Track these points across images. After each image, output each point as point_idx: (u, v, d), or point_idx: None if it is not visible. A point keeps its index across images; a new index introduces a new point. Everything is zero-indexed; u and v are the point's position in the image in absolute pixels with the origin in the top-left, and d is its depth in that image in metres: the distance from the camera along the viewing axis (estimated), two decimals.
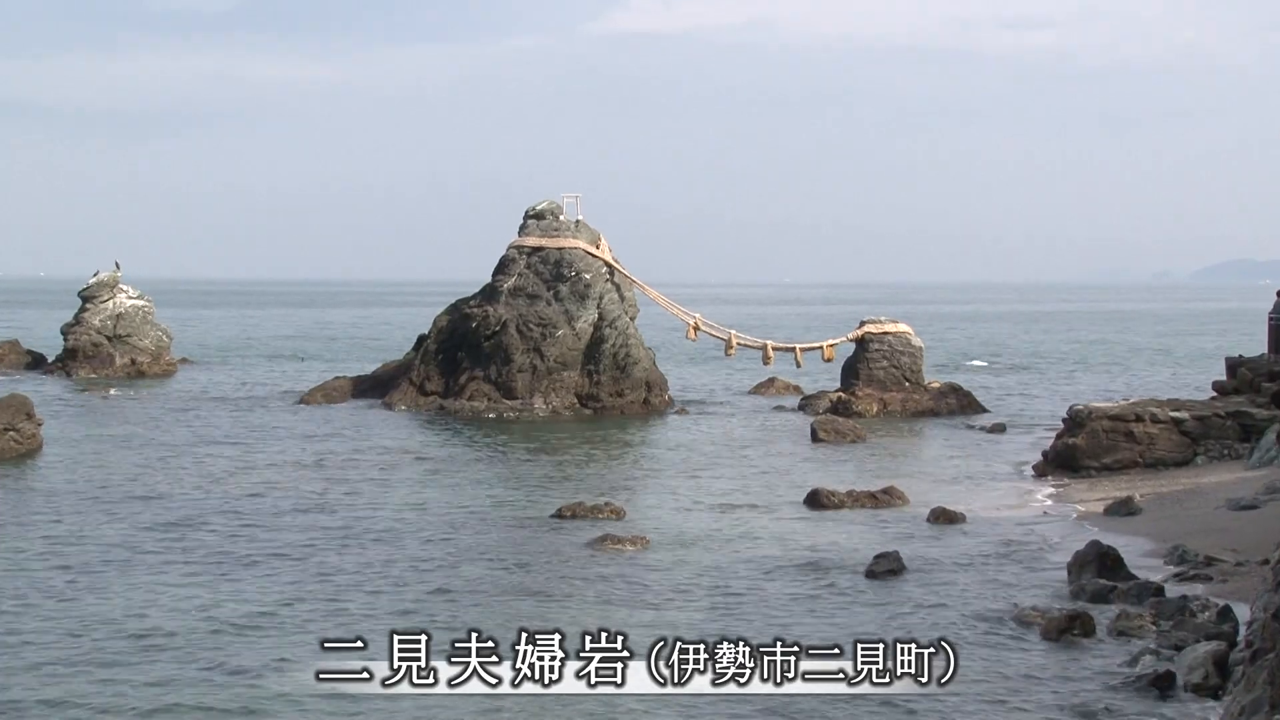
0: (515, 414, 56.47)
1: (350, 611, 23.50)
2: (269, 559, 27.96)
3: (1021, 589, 25.53)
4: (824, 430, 49.29)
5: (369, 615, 23.11)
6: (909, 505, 35.14)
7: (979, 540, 30.47)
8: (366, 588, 25.37)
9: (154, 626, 22.60)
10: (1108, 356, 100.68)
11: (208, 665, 20.46)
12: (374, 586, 25.50)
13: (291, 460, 42.78)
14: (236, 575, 26.44)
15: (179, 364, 78.36)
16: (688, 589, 25.54)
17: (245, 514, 33.13)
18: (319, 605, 24.07)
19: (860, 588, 25.67)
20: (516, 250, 61.38)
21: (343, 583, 25.84)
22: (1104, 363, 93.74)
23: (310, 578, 26.27)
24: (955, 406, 58.98)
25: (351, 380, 64.48)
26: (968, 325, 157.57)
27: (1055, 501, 36.21)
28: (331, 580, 26.05)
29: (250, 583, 25.84)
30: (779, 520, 33.13)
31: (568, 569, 27.22)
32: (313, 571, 26.83)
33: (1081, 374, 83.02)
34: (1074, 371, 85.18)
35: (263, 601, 24.27)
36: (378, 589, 25.29)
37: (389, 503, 35.13)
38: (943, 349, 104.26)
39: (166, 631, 22.27)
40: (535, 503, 35.42)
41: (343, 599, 24.52)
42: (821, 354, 63.12)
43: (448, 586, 25.53)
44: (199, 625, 22.73)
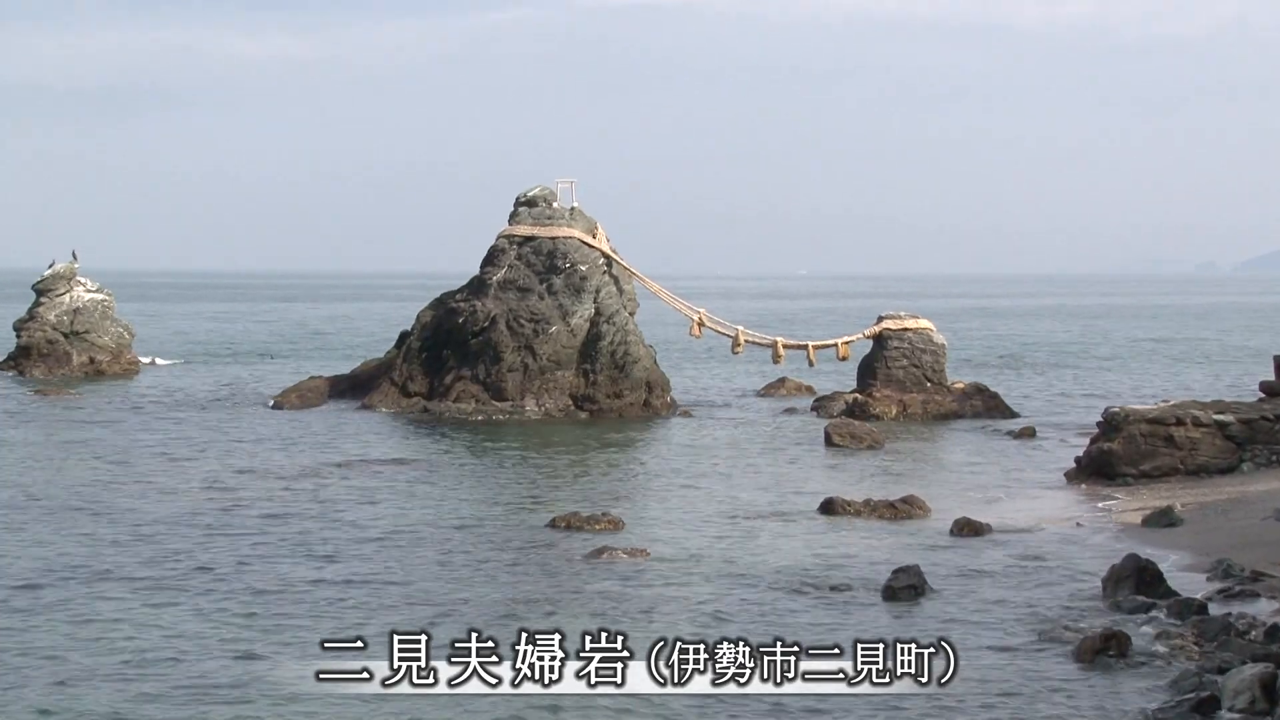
0: (505, 417, 56.47)
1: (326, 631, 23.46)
2: (236, 576, 27.92)
3: (1052, 606, 25.51)
4: (839, 434, 49.27)
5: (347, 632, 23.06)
6: (930, 516, 35.11)
7: (1006, 553, 30.45)
8: (343, 607, 25.34)
9: (115, 648, 22.60)
10: (1146, 354, 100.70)
11: (183, 685, 20.55)
12: (352, 604, 25.47)
13: (263, 468, 42.75)
14: (202, 595, 26.40)
15: (141, 363, 78.33)
16: (691, 606, 25.53)
17: (213, 528, 33.09)
18: (291, 625, 24.05)
19: (878, 605, 25.66)
20: (506, 240, 61.37)
21: (319, 601, 25.81)
22: (1142, 361, 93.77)
23: (282, 597, 26.23)
24: (980, 409, 58.96)
25: (328, 380, 64.45)
26: (994, 321, 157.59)
27: (1089, 512, 36.19)
28: (305, 599, 26.02)
29: (217, 601, 25.80)
30: (790, 532, 33.12)
31: (562, 584, 27.20)
32: (284, 590, 26.79)
33: (1118, 373, 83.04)
34: (1109, 371, 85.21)
35: (230, 623, 24.24)
36: (356, 608, 25.26)
37: (368, 514, 35.09)
38: (967, 346, 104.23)
39: (135, 650, 22.31)
40: (527, 513, 35.40)
41: (318, 620, 24.49)
42: (836, 352, 63.08)
43: (431, 604, 25.50)
44: (164, 645, 22.73)
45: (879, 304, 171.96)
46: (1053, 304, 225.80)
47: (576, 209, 62.11)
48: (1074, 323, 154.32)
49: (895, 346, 59.92)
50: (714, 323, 62.80)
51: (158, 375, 75.02)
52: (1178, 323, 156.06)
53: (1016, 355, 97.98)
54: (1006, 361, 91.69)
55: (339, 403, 60.84)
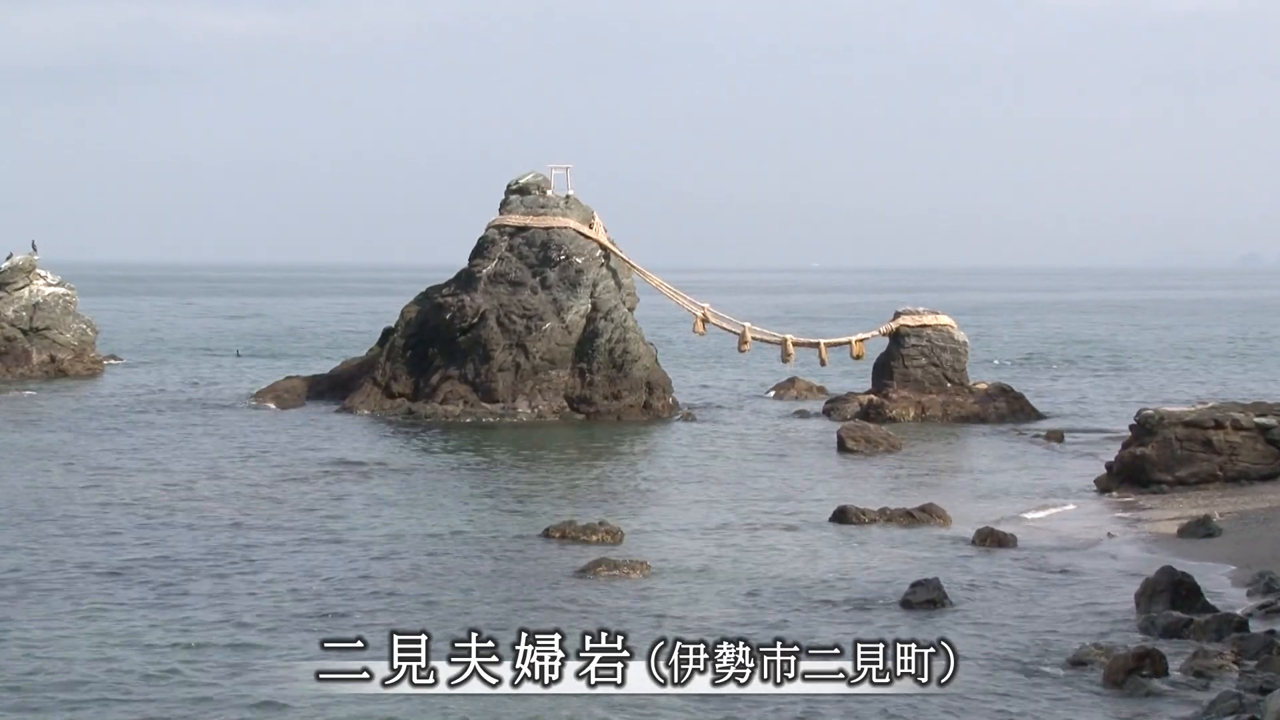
0: (495, 419, 56.47)
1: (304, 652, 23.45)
2: (208, 591, 27.89)
3: (1081, 623, 25.48)
4: (852, 438, 49.28)
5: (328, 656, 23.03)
6: (951, 525, 35.11)
7: (1032, 566, 30.43)
8: (318, 624, 25.30)
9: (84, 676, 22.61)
10: (1183, 353, 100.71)
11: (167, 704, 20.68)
12: (328, 621, 25.43)
13: (236, 475, 42.72)
14: (174, 611, 26.37)
15: (106, 362, 78.33)
16: (695, 622, 25.49)
17: (181, 538, 33.06)
18: (266, 644, 24.04)
19: (895, 621, 25.65)
20: (497, 230, 61.37)
21: (293, 616, 25.78)
22: (1178, 360, 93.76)
23: (256, 613, 26.20)
24: (1005, 411, 58.95)
25: (306, 380, 64.47)
26: (1020, 316, 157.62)
27: (1121, 521, 36.17)
28: (278, 615, 25.99)
29: (190, 616, 25.79)
30: (800, 543, 33.10)
31: (555, 601, 27.15)
32: (260, 605, 26.77)
33: (1152, 373, 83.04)
34: (1143, 370, 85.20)
35: (206, 643, 24.23)
36: (333, 627, 25.23)
37: (348, 524, 35.06)
38: (990, 344, 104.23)
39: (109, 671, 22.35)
40: (518, 524, 35.36)
41: (295, 638, 24.47)
42: (850, 350, 63.11)
43: (416, 624, 25.46)
44: (131, 669, 22.73)
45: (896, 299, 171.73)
46: (1083, 298, 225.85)
47: (572, 197, 62.09)
48: (1106, 318, 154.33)
49: (913, 344, 59.90)
50: (719, 319, 62.79)
51: (123, 375, 74.99)
52: (1217, 319, 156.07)
53: (1043, 353, 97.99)
54: (1033, 360, 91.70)
55: (317, 404, 60.84)
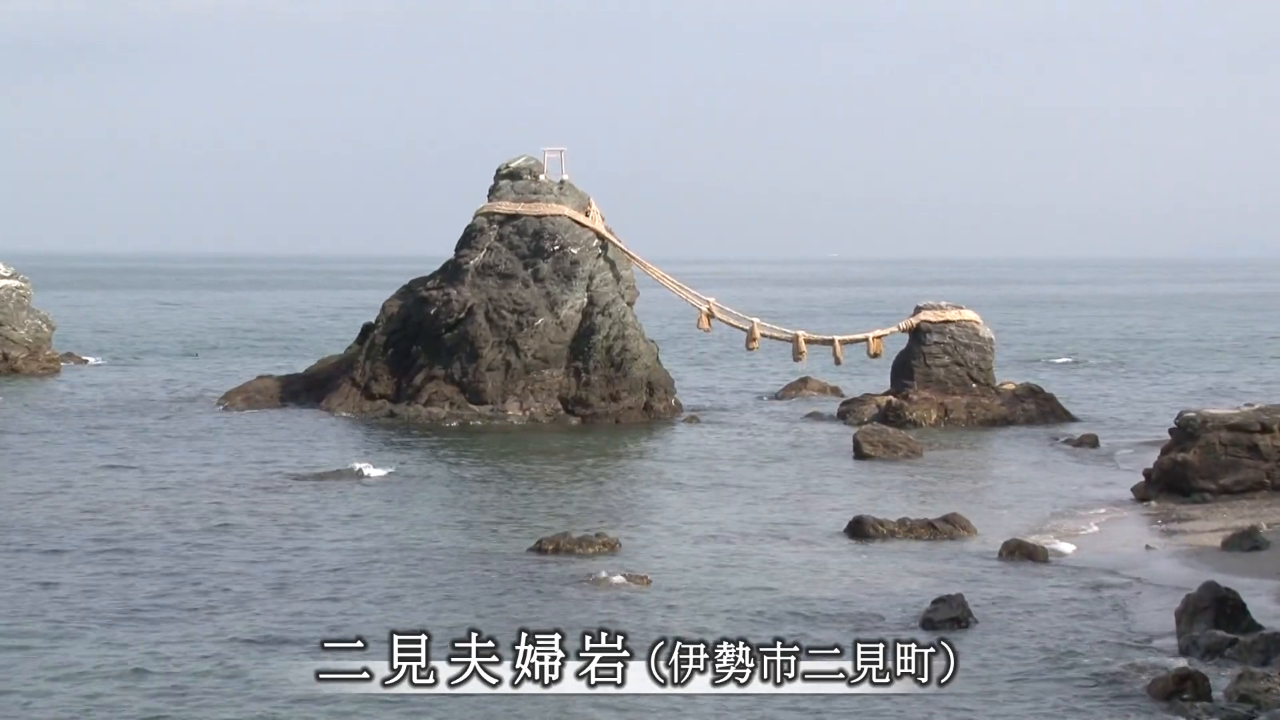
0: (484, 422, 56.43)
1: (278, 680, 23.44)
2: (176, 610, 27.87)
3: (1117, 643, 25.44)
4: (869, 443, 49.22)
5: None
6: (976, 538, 35.06)
7: (1063, 582, 30.38)
8: (290, 646, 25.27)
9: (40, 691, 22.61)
10: (1226, 350, 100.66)
11: None
12: (301, 642, 25.39)
13: (204, 481, 42.69)
14: (139, 635, 26.35)
15: (63, 360, 78.32)
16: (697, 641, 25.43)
17: (143, 552, 33.03)
18: (239, 672, 24.00)
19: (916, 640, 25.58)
20: (485, 218, 61.31)
21: (265, 636, 25.76)
22: (1222, 359, 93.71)
23: (222, 638, 26.18)
24: (1034, 413, 58.90)
25: (279, 380, 64.42)
26: (1050, 311, 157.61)
27: (1160, 533, 36.12)
28: (250, 638, 25.96)
29: (158, 640, 25.77)
30: (813, 557, 33.05)
31: (549, 618, 27.06)
32: (227, 628, 26.74)
33: (1193, 372, 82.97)
34: (1183, 370, 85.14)
35: (175, 670, 24.21)
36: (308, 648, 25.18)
37: (326, 536, 35.02)
38: (1019, 341, 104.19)
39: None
40: (509, 535, 35.33)
41: (271, 663, 24.44)
42: (867, 347, 63.05)
43: None
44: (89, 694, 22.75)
45: (917, 292, 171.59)
46: (1117, 292, 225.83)
47: (567, 182, 62.03)
48: (1142, 313, 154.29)
49: (935, 341, 59.85)
50: (726, 314, 62.74)
51: (81, 375, 74.95)
52: (1262, 314, 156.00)
53: (1076, 351, 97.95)
54: (1064, 358, 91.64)
55: (292, 406, 60.79)
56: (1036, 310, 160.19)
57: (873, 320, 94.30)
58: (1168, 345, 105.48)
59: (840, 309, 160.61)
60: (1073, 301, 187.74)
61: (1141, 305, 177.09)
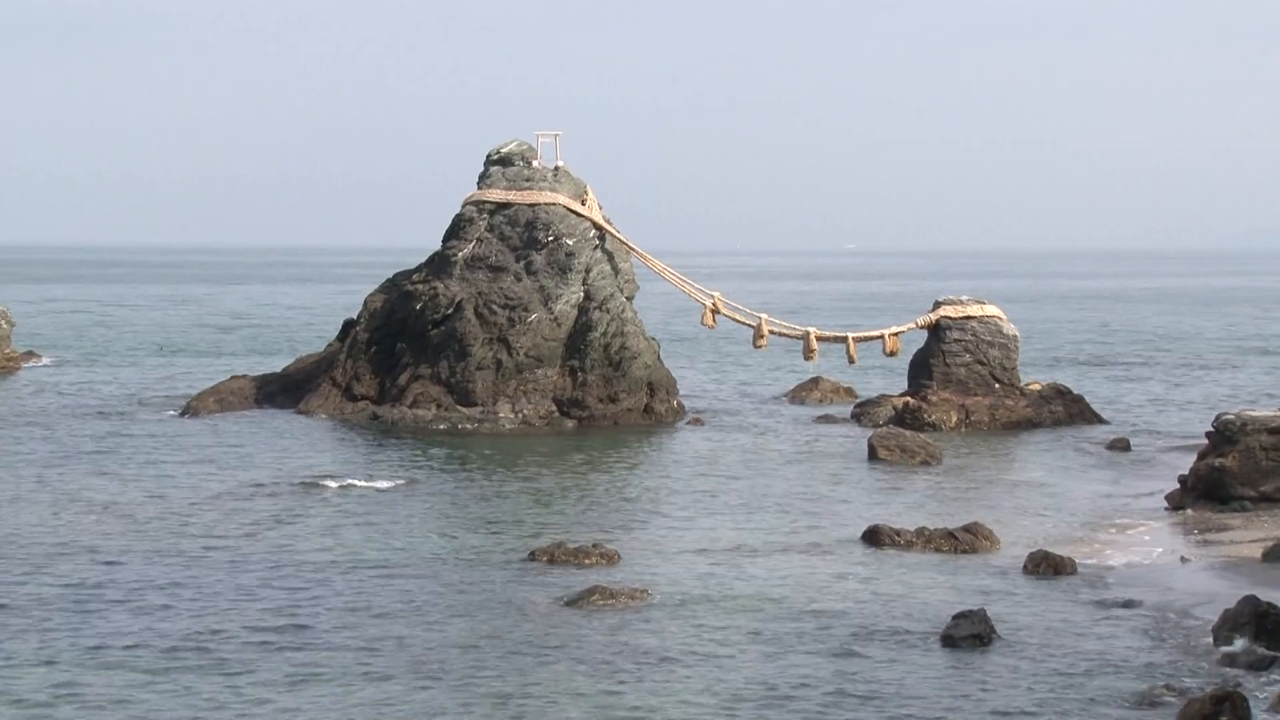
0: (474, 425, 56.44)
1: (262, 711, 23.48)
2: (142, 633, 27.87)
3: (1151, 660, 25.44)
4: (885, 447, 49.25)
5: (289, 711, 23.04)
6: (999, 549, 35.07)
7: (1093, 596, 30.39)
8: (283, 671, 25.27)
9: None
10: (1266, 349, 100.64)
11: None
12: (289, 667, 25.39)
13: (174, 489, 42.69)
14: (92, 657, 26.36)
15: (22, 358, 78.34)
16: (703, 661, 25.48)
17: (111, 565, 33.04)
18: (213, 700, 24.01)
19: (935, 659, 25.64)
20: (475, 207, 61.33)
21: (244, 664, 25.76)
22: (1262, 358, 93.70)
23: (199, 661, 26.18)
24: (1062, 415, 58.92)
25: (254, 380, 64.43)
26: (1078, 306, 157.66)
27: (1197, 543, 36.12)
28: (224, 667, 25.96)
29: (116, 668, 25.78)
30: (826, 569, 33.05)
31: (543, 635, 27.12)
32: (204, 649, 26.74)
33: (1231, 371, 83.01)
34: (1223, 368, 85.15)
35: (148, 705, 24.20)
36: (294, 674, 25.19)
37: (304, 547, 35.03)
38: (1045, 338, 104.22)
39: None
40: (500, 546, 35.33)
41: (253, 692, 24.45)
42: (883, 345, 63.06)
43: (384, 670, 25.44)
44: None
45: (938, 287, 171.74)
46: (1150, 286, 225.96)
47: (562, 169, 62.05)
48: (1177, 308, 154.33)
49: (956, 339, 59.86)
50: (732, 310, 62.74)
51: (44, 374, 74.96)
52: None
53: (1106, 349, 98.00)
54: (1093, 357, 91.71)
55: (268, 408, 60.79)
56: (1065, 305, 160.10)
57: (889, 316, 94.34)
58: (1205, 342, 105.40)
59: (854, 305, 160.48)
60: (1104, 295, 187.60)
61: (1178, 299, 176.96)
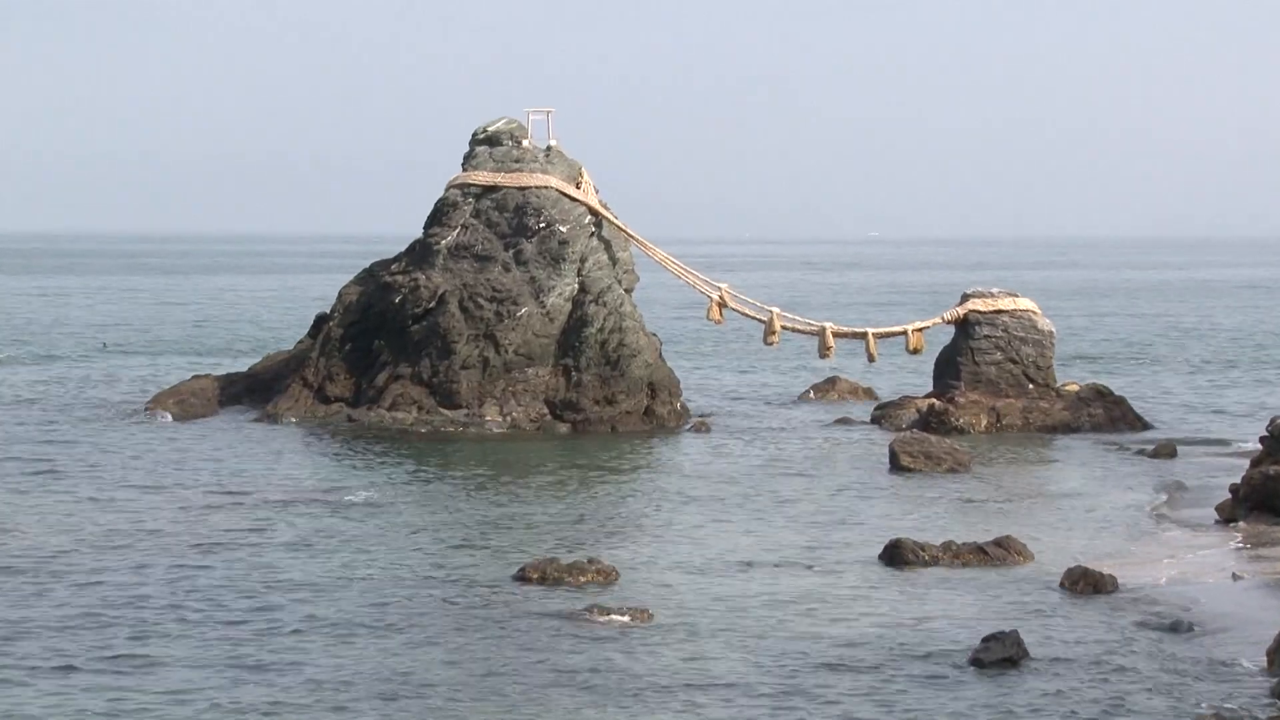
0: (458, 429, 56.44)
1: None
2: (88, 658, 27.93)
3: (1199, 686, 25.49)
4: (909, 454, 49.25)
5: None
6: (1032, 564, 35.12)
7: (1136, 616, 30.41)
8: (246, 700, 25.31)
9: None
10: None
11: None
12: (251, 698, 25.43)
13: (126, 501, 42.70)
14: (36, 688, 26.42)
15: None
16: (710, 687, 25.51)
17: (60, 586, 33.08)
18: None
19: (964, 683, 25.68)
20: (460, 191, 61.31)
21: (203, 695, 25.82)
22: None
23: (156, 688, 26.23)
24: (1102, 419, 58.91)
25: (217, 381, 64.46)
26: (1119, 300, 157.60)
27: (1249, 558, 36.14)
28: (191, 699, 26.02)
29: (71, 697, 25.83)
30: (843, 586, 33.11)
31: (535, 659, 27.18)
32: (165, 675, 26.79)
33: None
34: (1276, 367, 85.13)
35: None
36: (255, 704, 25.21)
37: (272, 565, 35.07)
38: (1083, 335, 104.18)
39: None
40: (487, 561, 35.38)
41: None
42: (906, 342, 63.08)
43: (358, 697, 25.47)
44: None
45: (967, 278, 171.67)
46: (1199, 277, 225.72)
47: (554, 149, 62.05)
48: (1227, 303, 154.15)
49: (985, 335, 59.86)
50: (740, 303, 62.72)
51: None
52: None
53: (1150, 347, 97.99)
54: (1136, 355, 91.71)
55: (232, 411, 60.81)
56: (1104, 299, 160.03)
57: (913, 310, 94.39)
58: (1257, 340, 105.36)
59: (875, 298, 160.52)
60: (1147, 288, 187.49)
61: (1229, 293, 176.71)
